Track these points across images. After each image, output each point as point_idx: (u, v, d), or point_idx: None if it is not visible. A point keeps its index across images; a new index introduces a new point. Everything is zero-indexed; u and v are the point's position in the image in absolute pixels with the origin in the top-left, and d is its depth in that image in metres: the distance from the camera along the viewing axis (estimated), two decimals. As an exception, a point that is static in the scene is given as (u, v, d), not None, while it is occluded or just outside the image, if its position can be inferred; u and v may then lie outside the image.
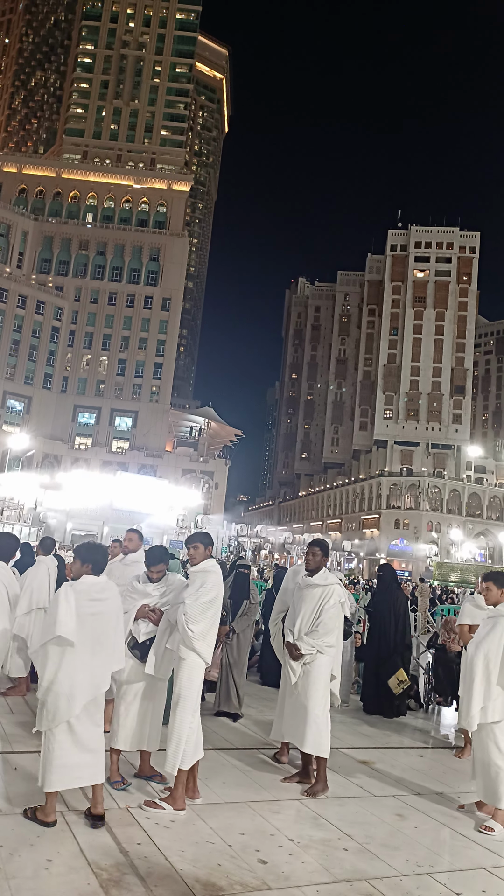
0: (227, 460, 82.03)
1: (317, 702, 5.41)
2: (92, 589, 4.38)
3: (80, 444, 74.52)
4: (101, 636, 4.34)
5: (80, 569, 4.47)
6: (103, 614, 4.38)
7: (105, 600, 4.42)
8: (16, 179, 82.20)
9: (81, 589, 4.36)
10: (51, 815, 4.13)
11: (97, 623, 4.32)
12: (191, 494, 52.81)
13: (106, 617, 4.40)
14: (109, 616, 4.43)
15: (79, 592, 4.33)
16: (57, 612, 4.20)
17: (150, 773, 5.11)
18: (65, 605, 4.22)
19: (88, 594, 4.35)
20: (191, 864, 3.87)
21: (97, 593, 4.39)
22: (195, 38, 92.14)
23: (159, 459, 73.37)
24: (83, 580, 4.41)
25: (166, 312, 78.88)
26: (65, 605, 4.22)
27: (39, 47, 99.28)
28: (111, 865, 3.76)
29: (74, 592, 4.31)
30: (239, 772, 5.58)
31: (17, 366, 72.60)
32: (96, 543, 4.84)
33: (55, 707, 4.16)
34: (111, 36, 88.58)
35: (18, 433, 59.74)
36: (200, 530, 5.59)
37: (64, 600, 4.24)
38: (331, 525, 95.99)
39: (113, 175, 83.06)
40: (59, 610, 4.20)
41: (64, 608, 4.21)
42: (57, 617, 4.18)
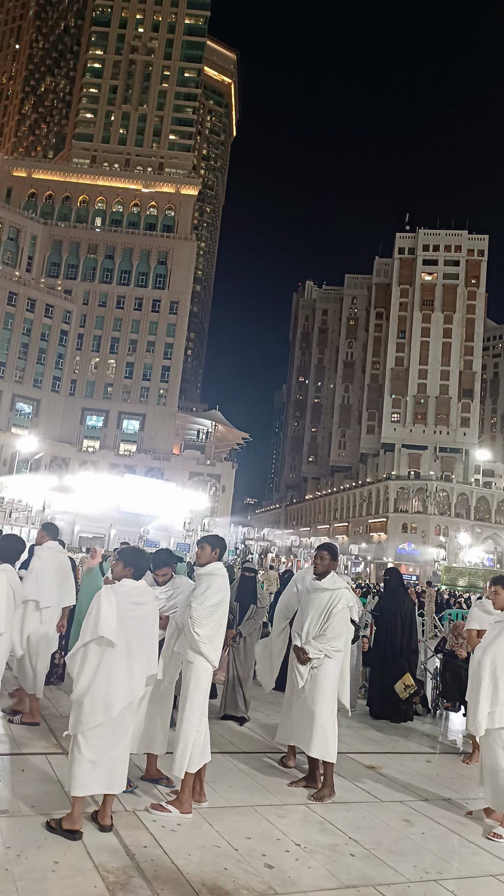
0: (234, 463, 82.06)
1: (324, 706, 5.40)
2: (132, 592, 4.36)
3: (88, 447, 74.75)
4: (138, 640, 4.30)
5: (122, 571, 4.44)
6: (142, 618, 4.36)
7: (144, 604, 4.41)
8: (25, 184, 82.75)
9: (123, 591, 4.33)
10: (77, 823, 4.06)
11: (136, 627, 4.30)
12: (198, 497, 52.83)
13: (144, 621, 4.38)
14: (147, 620, 4.41)
15: (120, 595, 4.30)
16: (99, 613, 4.16)
17: (157, 776, 5.10)
18: (107, 605, 4.19)
19: (129, 597, 4.32)
20: (197, 868, 3.87)
21: (137, 597, 4.37)
22: (204, 42, 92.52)
23: (166, 462, 73.48)
24: (124, 583, 4.38)
25: (174, 316, 79.09)
26: (107, 605, 4.19)
27: (49, 53, 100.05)
28: (118, 868, 3.76)
29: (116, 594, 4.28)
30: (245, 775, 5.57)
31: (25, 369, 72.97)
32: (140, 549, 4.85)
33: (92, 709, 4.11)
34: (120, 41, 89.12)
35: (27, 436, 59.95)
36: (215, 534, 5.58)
37: (106, 601, 4.21)
38: (338, 528, 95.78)
39: (121, 179, 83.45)
40: (101, 610, 4.16)
41: (106, 609, 4.17)
42: (99, 617, 4.14)
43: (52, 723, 6.41)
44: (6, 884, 3.45)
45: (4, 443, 66.14)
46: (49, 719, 6.53)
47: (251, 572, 7.94)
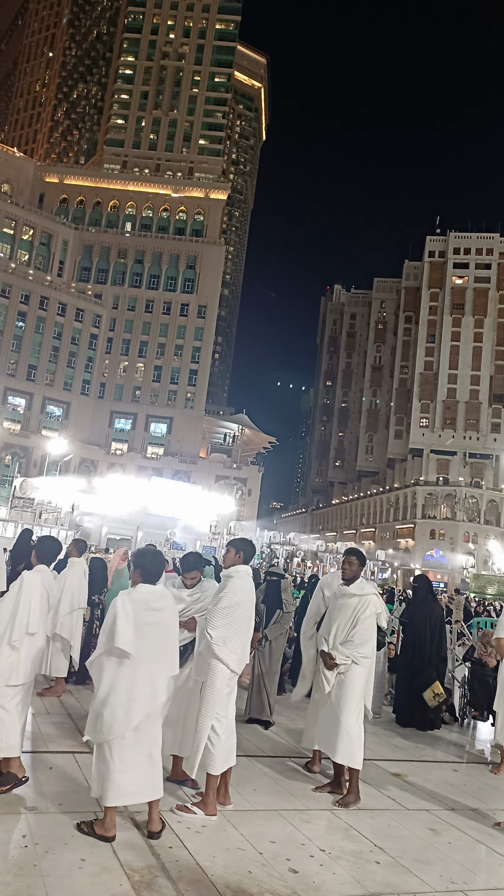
0: (261, 467, 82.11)
1: (350, 712, 5.37)
2: (150, 598, 4.29)
3: (117, 450, 75.48)
4: (158, 646, 4.25)
5: (134, 575, 4.41)
6: (161, 624, 4.30)
7: (162, 609, 4.33)
8: (57, 189, 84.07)
9: (138, 598, 4.26)
10: (111, 830, 4.05)
11: (155, 633, 4.24)
12: (224, 501, 52.87)
13: (163, 626, 4.32)
14: (166, 625, 4.35)
15: (136, 602, 4.23)
16: (116, 624, 4.10)
17: (182, 778, 5.12)
18: (123, 615, 4.12)
19: (146, 603, 4.26)
20: (222, 870, 3.88)
21: (154, 602, 4.30)
22: (234, 47, 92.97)
23: (193, 465, 73.83)
24: (139, 588, 4.32)
25: (202, 320, 79.54)
26: (123, 615, 4.12)
27: (82, 60, 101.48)
28: (143, 867, 3.79)
29: (132, 602, 4.21)
30: (270, 779, 5.57)
31: (56, 372, 74.01)
32: (148, 549, 4.78)
33: (112, 719, 4.06)
34: (152, 47, 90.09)
35: (57, 438, 60.78)
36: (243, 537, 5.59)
37: (122, 610, 4.14)
38: (364, 534, 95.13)
39: (151, 184, 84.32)
40: (117, 621, 4.10)
41: (122, 619, 4.11)
42: (116, 628, 4.08)
43: (79, 722, 6.48)
44: (34, 879, 3.50)
45: (35, 445, 67.15)
46: (76, 719, 6.61)
47: (277, 576, 7.94)
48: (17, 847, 3.85)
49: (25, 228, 77.55)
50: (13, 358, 71.32)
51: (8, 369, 70.76)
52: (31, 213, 78.63)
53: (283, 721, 7.49)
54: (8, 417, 69.43)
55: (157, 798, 4.22)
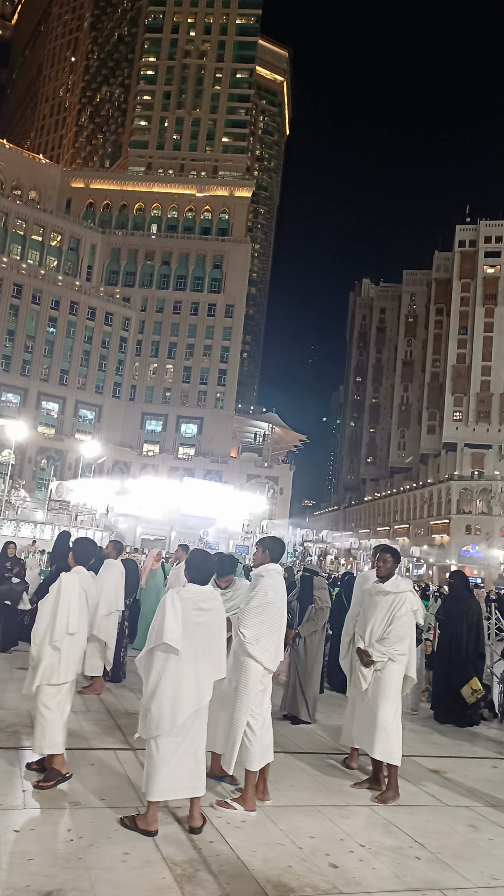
0: (292, 465, 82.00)
1: (388, 709, 5.37)
2: (199, 598, 4.35)
3: (148, 451, 76.19)
4: (205, 646, 4.30)
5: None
6: (209, 624, 4.35)
7: (211, 610, 4.39)
8: (84, 194, 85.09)
9: (188, 597, 4.33)
10: (153, 824, 4.13)
11: (202, 632, 4.29)
12: (256, 500, 53.04)
13: (211, 627, 4.36)
14: (214, 626, 4.39)
15: (185, 600, 4.30)
16: (164, 619, 4.17)
17: (220, 774, 5.19)
18: (171, 612, 4.20)
19: (195, 603, 4.32)
20: (262, 864, 3.92)
21: (203, 602, 4.36)
22: (256, 42, 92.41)
23: (224, 465, 74.11)
24: (189, 588, 4.39)
25: (230, 319, 79.73)
26: (171, 612, 4.20)
27: (105, 63, 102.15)
28: (185, 861, 3.86)
29: (181, 600, 4.28)
30: (308, 776, 5.60)
31: (87, 376, 75.01)
32: (199, 551, 4.85)
33: (159, 715, 4.14)
34: (173, 46, 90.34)
35: (90, 441, 61.61)
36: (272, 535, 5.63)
37: (171, 607, 4.21)
38: (398, 531, 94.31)
39: (176, 185, 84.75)
40: (166, 617, 4.17)
41: (171, 615, 4.18)
42: (164, 624, 4.15)
43: (119, 720, 6.61)
44: (80, 871, 3.60)
45: (69, 448, 68.18)
46: (116, 716, 6.74)
47: (310, 573, 7.95)
48: (62, 841, 3.96)
49: (53, 234, 78.71)
50: (45, 363, 72.49)
51: (41, 374, 71.96)
52: (58, 219, 79.77)
53: (319, 718, 7.50)
54: (42, 422, 70.63)
55: (199, 795, 4.28)
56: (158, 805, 4.21)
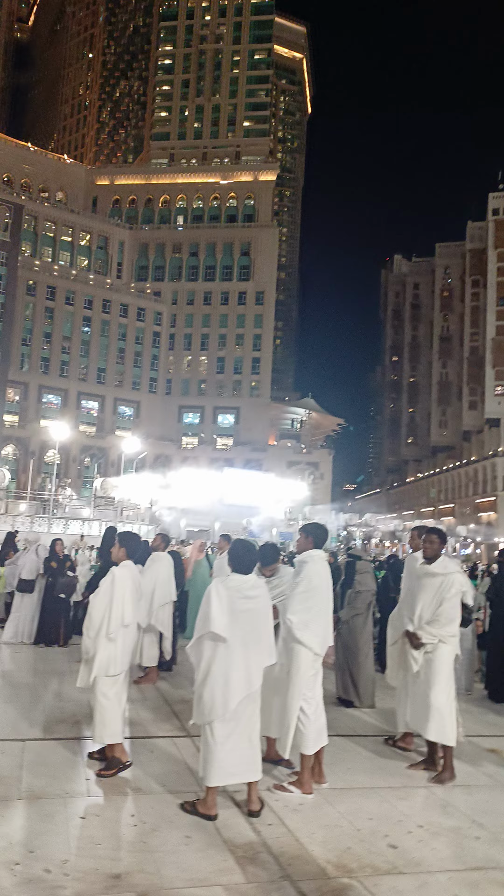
0: (331, 450, 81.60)
1: (440, 690, 5.36)
2: (243, 586, 4.43)
3: (187, 444, 76.80)
4: (252, 633, 4.38)
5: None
6: (255, 611, 4.42)
7: (256, 598, 4.46)
8: (109, 191, 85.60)
9: (232, 585, 4.42)
10: (212, 809, 4.23)
11: (249, 620, 4.37)
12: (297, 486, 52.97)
13: (257, 614, 4.43)
14: (260, 613, 4.47)
15: (231, 589, 4.39)
16: (210, 609, 4.27)
17: (276, 758, 5.27)
18: (217, 601, 4.29)
19: (240, 591, 4.40)
20: (321, 846, 3.98)
21: (248, 590, 4.43)
22: (272, 20, 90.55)
23: (263, 453, 74.20)
24: (234, 577, 4.48)
25: (260, 306, 79.45)
26: (217, 601, 4.29)
27: (122, 57, 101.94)
28: (245, 844, 3.95)
29: (226, 589, 4.38)
30: (363, 758, 5.64)
31: (124, 373, 75.93)
32: (241, 540, 4.91)
33: (211, 701, 4.24)
34: (188, 33, 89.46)
35: (130, 437, 62.40)
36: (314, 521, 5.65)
37: (216, 596, 4.31)
38: (443, 510, 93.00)
39: (199, 174, 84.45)
40: (211, 606, 4.27)
41: (216, 604, 4.28)
42: (210, 613, 4.26)
43: (175, 706, 6.76)
44: (145, 855, 3.72)
45: (111, 445, 69.22)
46: (172, 703, 6.89)
47: (354, 557, 7.94)
48: (126, 826, 4.10)
49: (82, 234, 79.57)
50: (83, 363, 73.63)
51: (79, 374, 73.14)
52: (86, 219, 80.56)
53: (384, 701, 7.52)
54: (83, 421, 71.86)
55: (256, 779, 4.36)
56: (217, 790, 4.31)
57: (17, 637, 9.94)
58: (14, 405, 68.77)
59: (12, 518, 29.26)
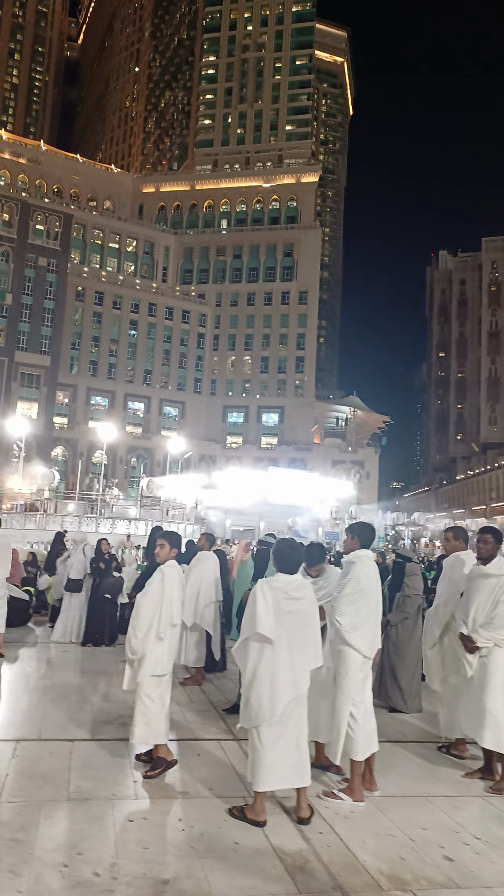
0: (377, 448, 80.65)
1: (495, 696, 5.15)
2: (288, 587, 4.32)
3: (232, 443, 77.10)
4: (298, 634, 4.28)
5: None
6: (300, 612, 4.32)
7: (302, 599, 4.35)
8: (155, 198, 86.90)
9: (277, 586, 4.31)
10: (261, 815, 4.14)
11: (295, 621, 4.27)
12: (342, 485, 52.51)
13: (303, 615, 4.33)
14: (307, 614, 4.36)
15: (275, 590, 4.29)
16: (255, 610, 4.18)
17: (326, 764, 5.15)
18: (262, 601, 4.20)
19: (285, 592, 4.30)
20: (373, 856, 3.86)
21: (293, 591, 4.33)
22: (313, 27, 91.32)
23: (308, 452, 73.88)
24: (278, 577, 4.38)
25: (304, 306, 79.27)
26: (262, 601, 4.20)
27: (167, 69, 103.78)
28: (295, 851, 3.85)
29: (271, 590, 4.28)
30: (415, 765, 5.47)
31: (169, 374, 76.84)
32: (285, 540, 4.81)
33: (258, 704, 4.16)
34: (231, 43, 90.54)
35: (175, 437, 63.04)
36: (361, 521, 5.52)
37: (261, 597, 4.22)
38: (496, 508, 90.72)
39: (242, 178, 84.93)
40: (257, 607, 4.19)
41: (262, 605, 4.19)
42: (256, 614, 4.17)
43: (220, 709, 6.70)
44: (192, 860, 3.66)
45: (156, 445, 70.09)
46: (218, 706, 6.84)
47: (403, 559, 7.75)
48: (174, 830, 4.05)
49: (129, 240, 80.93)
50: (129, 365, 74.80)
51: (126, 376, 74.32)
52: (132, 225, 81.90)
53: (424, 706, 7.32)
54: (130, 422, 72.95)
55: (305, 785, 4.26)
56: (265, 795, 4.22)
57: (65, 636, 10.07)
58: (63, 407, 70.30)
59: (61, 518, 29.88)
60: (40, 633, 10.81)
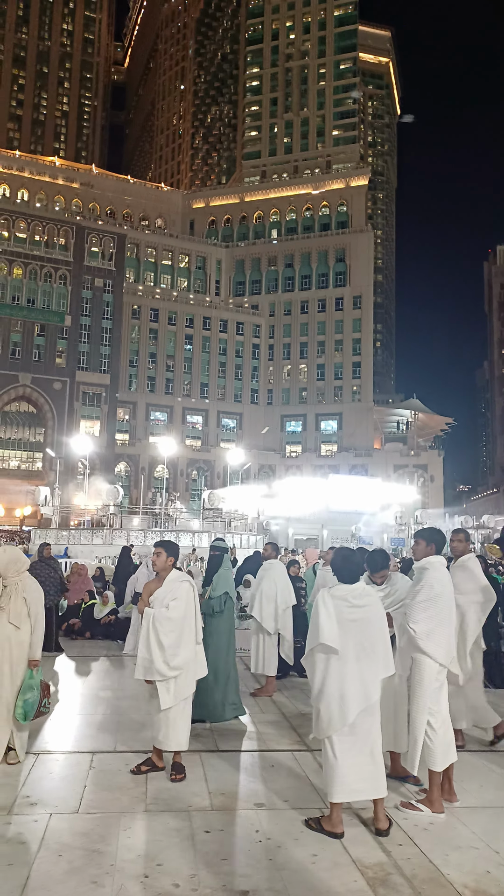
0: (440, 451, 78.87)
1: None
2: (350, 595, 4.29)
3: (291, 452, 76.97)
4: (365, 642, 4.23)
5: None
6: (365, 620, 4.27)
7: (365, 606, 4.31)
8: (205, 213, 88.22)
9: (339, 595, 4.29)
10: (338, 826, 4.09)
11: (359, 629, 4.23)
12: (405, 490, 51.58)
13: (368, 623, 4.28)
14: (372, 622, 4.30)
15: (337, 599, 4.27)
16: (318, 619, 4.17)
17: (403, 774, 5.05)
18: (325, 611, 4.19)
19: (346, 600, 4.27)
20: (456, 869, 3.74)
21: (355, 599, 4.29)
22: (356, 30, 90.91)
23: (368, 458, 72.96)
24: (340, 587, 4.35)
25: (358, 311, 78.63)
26: (325, 611, 4.19)
27: (211, 84, 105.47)
28: (375, 864, 3.78)
29: (332, 599, 4.26)
30: (497, 775, 5.29)
31: (225, 386, 77.52)
32: (340, 550, 4.80)
33: (329, 715, 4.12)
34: (274, 53, 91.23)
35: (234, 448, 63.46)
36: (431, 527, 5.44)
37: (323, 607, 4.21)
38: None
39: (291, 187, 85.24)
40: (320, 617, 4.17)
41: (325, 615, 4.18)
42: (319, 624, 4.16)
43: (293, 720, 6.67)
44: (271, 872, 3.64)
45: (216, 457, 70.74)
46: (290, 717, 6.80)
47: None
48: (251, 841, 4.03)
49: (181, 256, 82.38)
50: (186, 379, 75.90)
51: (183, 391, 75.44)
52: (184, 241, 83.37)
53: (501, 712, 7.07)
54: (189, 435, 73.94)
55: (381, 796, 4.19)
56: (341, 807, 4.17)
57: (135, 650, 10.24)
58: (124, 424, 71.91)
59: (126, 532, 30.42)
60: (111, 646, 11.04)
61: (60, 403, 64.76)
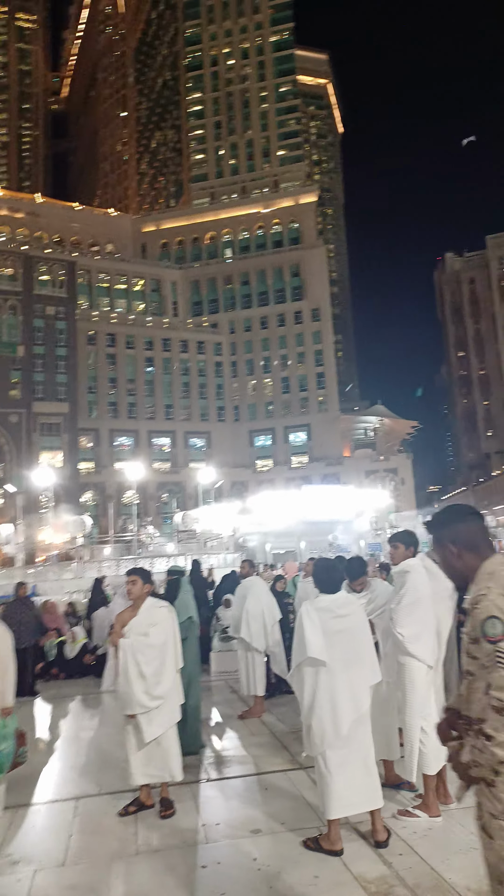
0: (409, 454, 79.85)
1: None
2: (333, 605, 4.28)
3: (262, 467, 76.99)
4: (351, 652, 4.21)
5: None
6: (350, 630, 4.25)
7: (349, 615, 4.29)
8: (156, 236, 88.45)
9: (322, 606, 4.27)
10: (337, 843, 4.03)
11: (345, 639, 4.20)
12: (378, 495, 51.91)
13: (353, 632, 4.26)
14: (356, 631, 4.29)
15: (321, 610, 4.24)
16: (304, 633, 4.13)
17: (397, 782, 5.00)
18: (310, 624, 4.16)
19: (331, 611, 4.25)
20: (459, 874, 3.70)
21: (339, 609, 4.27)
22: (292, 55, 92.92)
23: (339, 466, 73.41)
24: (322, 598, 4.33)
25: (317, 323, 79.48)
26: (310, 624, 4.16)
27: (153, 110, 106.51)
28: (377, 878, 3.71)
29: (317, 611, 4.24)
30: (490, 775, 5.27)
31: (191, 406, 77.29)
32: (318, 561, 4.80)
33: (321, 730, 4.06)
34: (215, 79, 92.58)
35: (204, 468, 63.16)
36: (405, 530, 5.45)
37: (308, 620, 4.18)
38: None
39: (241, 207, 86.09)
40: (305, 630, 4.14)
41: (310, 628, 4.14)
42: (304, 637, 4.12)
43: (283, 739, 6.56)
44: (273, 898, 3.55)
45: (186, 478, 70.27)
46: (280, 736, 6.70)
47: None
48: (250, 870, 3.92)
49: (135, 280, 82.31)
50: (149, 402, 75.45)
51: (147, 414, 74.92)
52: (137, 265, 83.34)
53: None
54: (157, 458, 73.36)
55: (378, 807, 4.14)
56: (339, 822, 4.10)
57: (113, 685, 9.99)
58: (88, 452, 70.95)
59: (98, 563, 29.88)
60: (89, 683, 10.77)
61: (17, 436, 63.47)
